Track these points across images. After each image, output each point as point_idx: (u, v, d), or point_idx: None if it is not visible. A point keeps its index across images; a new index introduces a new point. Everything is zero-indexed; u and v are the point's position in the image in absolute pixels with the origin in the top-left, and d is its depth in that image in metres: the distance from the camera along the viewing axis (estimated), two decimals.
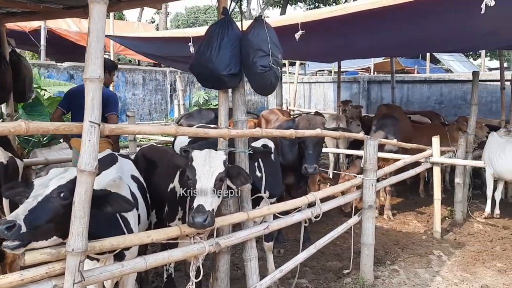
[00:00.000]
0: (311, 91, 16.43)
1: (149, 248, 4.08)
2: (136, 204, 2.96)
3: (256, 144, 4.03)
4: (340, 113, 9.71)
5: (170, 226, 3.10)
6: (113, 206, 2.34)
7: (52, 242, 2.13)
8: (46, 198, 2.10)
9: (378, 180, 4.67)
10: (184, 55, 5.90)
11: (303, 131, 4.34)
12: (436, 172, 5.93)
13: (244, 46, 3.14)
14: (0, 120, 5.70)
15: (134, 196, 3.03)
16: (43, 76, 9.76)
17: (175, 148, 4.80)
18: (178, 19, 41.95)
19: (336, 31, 5.30)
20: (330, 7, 11.54)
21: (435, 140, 5.90)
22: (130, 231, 2.69)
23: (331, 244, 4.95)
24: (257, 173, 3.74)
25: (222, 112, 3.33)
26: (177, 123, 7.83)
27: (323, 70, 22.06)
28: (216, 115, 3.90)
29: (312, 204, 3.98)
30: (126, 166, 3.37)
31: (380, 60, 17.94)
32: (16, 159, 4.08)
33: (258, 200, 3.70)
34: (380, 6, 4.05)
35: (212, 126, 4.87)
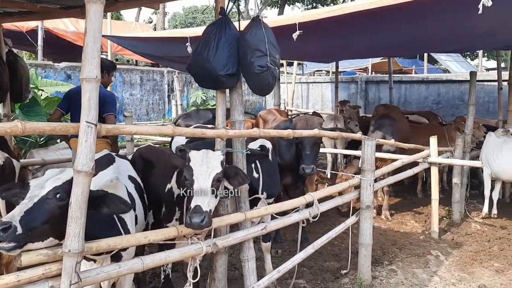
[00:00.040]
0: (309, 91, 16.42)
1: (146, 248, 4.07)
2: (133, 204, 2.95)
3: (254, 144, 4.02)
4: (338, 113, 9.71)
5: (168, 227, 3.10)
6: (110, 207, 2.33)
7: (49, 243, 2.12)
8: (42, 199, 2.09)
9: (376, 180, 4.68)
10: (181, 55, 5.88)
11: (300, 131, 4.32)
12: (434, 172, 5.93)
13: (241, 46, 3.14)
14: None
15: (131, 196, 3.02)
16: (40, 76, 9.73)
17: (173, 149, 4.79)
18: (176, 19, 41.92)
19: (334, 31, 5.29)
20: (328, 7, 11.52)
21: (433, 140, 5.90)
22: (127, 232, 2.68)
23: (329, 244, 4.95)
24: (254, 173, 3.73)
25: (220, 112, 3.33)
26: (174, 123, 7.80)
27: (321, 70, 22.07)
28: (213, 115, 3.89)
29: (310, 204, 3.96)
30: (123, 167, 3.36)
31: (378, 60, 17.96)
32: (13, 159, 4.07)
33: (255, 201, 3.69)
34: (378, 6, 4.04)
35: (209, 126, 4.86)
